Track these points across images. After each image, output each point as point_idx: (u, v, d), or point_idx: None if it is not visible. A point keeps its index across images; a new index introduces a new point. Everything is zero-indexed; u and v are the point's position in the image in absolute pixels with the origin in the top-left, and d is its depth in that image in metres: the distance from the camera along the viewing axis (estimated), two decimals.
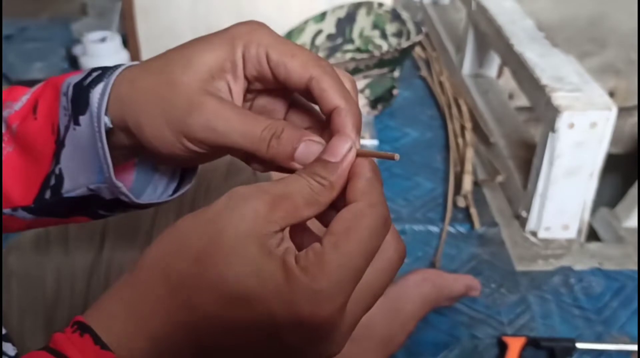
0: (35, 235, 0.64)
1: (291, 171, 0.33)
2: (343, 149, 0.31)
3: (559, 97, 0.91)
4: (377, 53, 1.20)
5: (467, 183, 1.07)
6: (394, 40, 1.37)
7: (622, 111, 2.07)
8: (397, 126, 1.30)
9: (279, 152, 0.33)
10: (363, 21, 1.42)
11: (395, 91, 1.32)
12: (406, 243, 1.04)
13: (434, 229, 1.01)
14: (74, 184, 0.38)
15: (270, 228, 0.29)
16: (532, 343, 0.81)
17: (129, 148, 0.37)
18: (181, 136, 0.34)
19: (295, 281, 0.28)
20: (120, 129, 0.36)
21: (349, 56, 1.40)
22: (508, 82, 1.38)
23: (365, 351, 0.75)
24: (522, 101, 1.31)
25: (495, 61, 1.38)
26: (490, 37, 1.22)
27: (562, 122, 0.89)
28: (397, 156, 0.33)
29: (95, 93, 0.35)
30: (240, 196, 0.29)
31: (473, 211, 1.03)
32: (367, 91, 1.27)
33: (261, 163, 0.35)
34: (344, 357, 0.75)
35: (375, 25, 1.41)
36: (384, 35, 1.39)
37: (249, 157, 0.35)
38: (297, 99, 0.38)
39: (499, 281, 0.92)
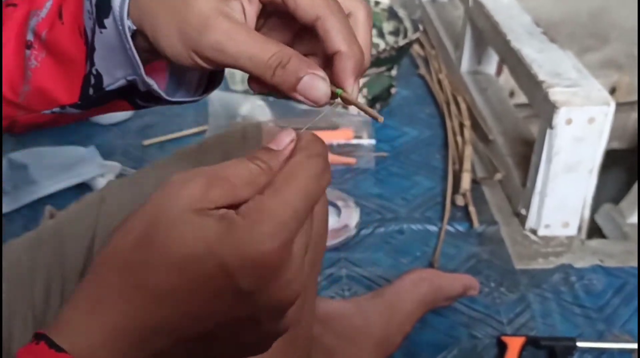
0: (26, 237, 0.64)
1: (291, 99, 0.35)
2: (286, 140, 0.33)
3: (556, 93, 0.90)
4: (373, 52, 1.19)
5: (466, 181, 1.06)
6: (391, 39, 1.36)
7: (625, 105, 2.06)
8: (396, 125, 1.29)
9: (283, 81, 0.34)
10: None
11: (393, 90, 1.31)
12: (404, 243, 1.03)
13: (433, 228, 1.00)
14: (113, 79, 0.40)
15: (206, 204, 0.29)
16: (532, 342, 0.79)
17: (152, 51, 0.38)
18: (192, 52, 0.35)
19: (236, 227, 0.29)
20: (141, 34, 0.38)
21: None
22: (508, 80, 1.37)
23: (362, 351, 0.74)
24: (522, 98, 1.30)
25: (493, 58, 1.37)
26: (488, 34, 1.21)
27: (559, 118, 0.88)
28: (381, 119, 0.35)
29: None
30: (176, 180, 0.30)
31: (472, 209, 1.02)
32: (365, 90, 1.26)
33: (262, 84, 0.36)
34: (341, 356, 0.74)
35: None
36: (381, 34, 1.38)
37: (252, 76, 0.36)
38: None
39: (498, 280, 0.90)
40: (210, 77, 0.44)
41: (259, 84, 0.37)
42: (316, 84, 0.34)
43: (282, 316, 0.31)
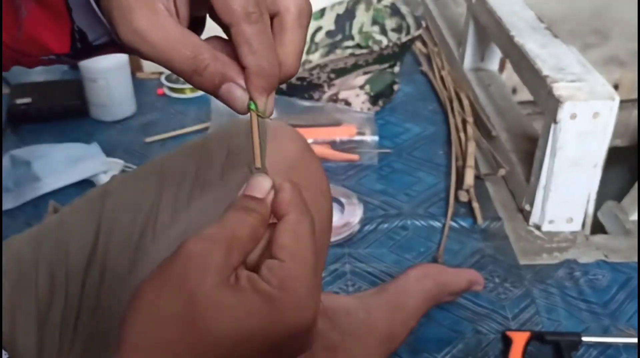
0: (29, 232, 0.64)
1: None
2: (266, 187, 0.34)
3: (560, 88, 0.90)
4: (376, 48, 1.18)
5: (469, 177, 1.06)
6: (393, 36, 1.36)
7: (628, 103, 2.05)
8: (398, 122, 1.29)
9: (202, 86, 0.34)
10: (362, 17, 1.41)
11: (396, 87, 1.31)
12: (408, 239, 1.03)
13: (437, 224, 1.00)
14: (95, 34, 0.39)
15: (229, 272, 0.30)
16: (537, 337, 0.79)
17: None
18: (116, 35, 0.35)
19: (278, 301, 0.30)
20: None
21: (348, 52, 1.39)
22: (511, 77, 1.37)
23: (367, 347, 0.74)
24: (525, 95, 1.30)
25: (496, 54, 1.37)
26: (490, 30, 1.21)
27: (564, 113, 0.88)
28: (258, 164, 0.36)
29: None
30: (198, 254, 0.30)
31: (475, 205, 1.02)
32: (368, 87, 1.26)
33: None
34: (346, 353, 0.74)
35: (374, 21, 1.40)
36: (383, 31, 1.38)
37: None
38: None
39: (502, 276, 0.90)
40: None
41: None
42: (233, 93, 0.34)
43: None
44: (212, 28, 0.38)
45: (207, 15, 0.38)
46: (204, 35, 0.37)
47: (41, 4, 0.41)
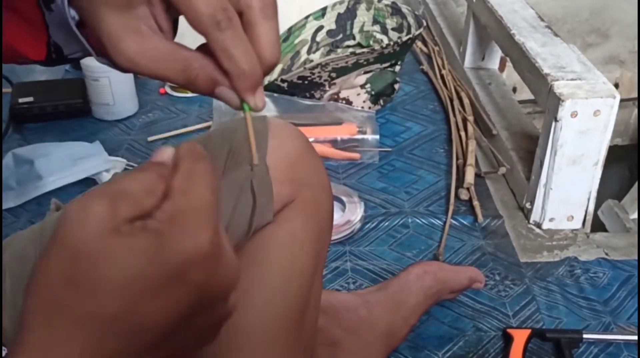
0: (31, 229, 0.64)
1: None
2: (168, 152, 0.34)
3: (561, 86, 0.90)
4: (377, 47, 1.19)
5: (470, 175, 1.06)
6: (394, 35, 1.36)
7: (628, 101, 2.05)
8: (399, 121, 1.29)
9: (199, 91, 0.38)
10: (363, 16, 1.41)
11: (396, 86, 1.31)
12: (409, 237, 1.03)
13: (437, 222, 1.00)
14: (70, 50, 0.42)
15: (117, 222, 0.30)
16: (538, 335, 0.79)
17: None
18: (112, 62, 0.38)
19: (166, 234, 0.30)
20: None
21: (349, 51, 1.39)
22: (511, 76, 1.37)
23: (368, 344, 0.74)
24: (525, 94, 1.30)
25: (497, 53, 1.37)
26: (491, 29, 1.21)
27: (564, 111, 0.88)
28: (255, 160, 0.41)
29: None
30: (77, 207, 0.30)
31: (476, 203, 1.02)
32: (369, 86, 1.26)
33: None
34: (347, 350, 0.75)
35: (375, 20, 1.40)
36: (384, 30, 1.39)
37: None
38: None
39: (503, 273, 0.91)
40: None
41: None
42: (226, 95, 0.37)
43: (228, 298, 0.33)
44: None
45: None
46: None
47: (19, 15, 0.42)
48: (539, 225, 0.99)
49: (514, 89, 1.65)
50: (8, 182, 1.04)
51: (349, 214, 0.99)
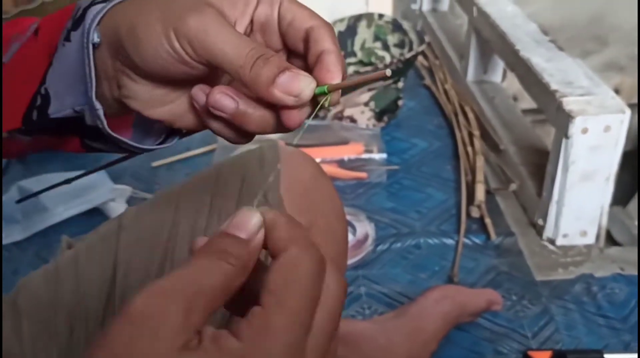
0: (44, 270, 0.63)
1: (266, 103, 0.34)
2: (253, 224, 0.28)
3: (570, 102, 0.89)
4: (380, 65, 1.18)
5: (480, 193, 1.05)
6: (396, 51, 1.36)
7: (629, 107, 2.05)
8: (405, 137, 1.29)
9: (262, 74, 0.32)
10: (364, 33, 1.41)
11: (400, 102, 1.31)
12: (422, 258, 1.01)
13: (449, 241, 0.99)
14: (60, 105, 0.38)
15: (188, 335, 0.25)
16: (559, 356, 0.78)
17: (113, 70, 0.37)
18: (172, 36, 0.33)
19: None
20: (109, 45, 0.36)
21: (352, 69, 1.39)
22: (511, 84, 1.37)
23: None
24: (526, 103, 1.29)
25: (499, 66, 1.37)
26: (494, 43, 1.21)
27: (575, 128, 0.87)
28: (388, 72, 0.34)
29: (94, 9, 0.36)
30: (149, 316, 0.25)
31: (488, 221, 1.01)
32: (372, 103, 1.26)
33: (236, 130, 0.35)
34: None
35: (376, 37, 1.40)
36: (385, 47, 1.38)
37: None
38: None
39: (519, 293, 0.89)
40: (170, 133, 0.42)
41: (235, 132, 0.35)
42: (297, 78, 0.32)
43: None
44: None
45: None
46: None
47: (17, 64, 0.39)
48: (552, 242, 0.98)
49: (515, 98, 1.64)
50: (14, 215, 1.02)
51: (361, 237, 0.98)
